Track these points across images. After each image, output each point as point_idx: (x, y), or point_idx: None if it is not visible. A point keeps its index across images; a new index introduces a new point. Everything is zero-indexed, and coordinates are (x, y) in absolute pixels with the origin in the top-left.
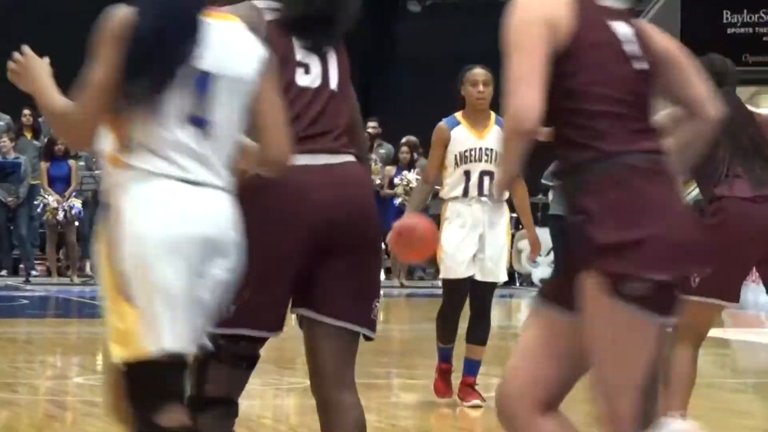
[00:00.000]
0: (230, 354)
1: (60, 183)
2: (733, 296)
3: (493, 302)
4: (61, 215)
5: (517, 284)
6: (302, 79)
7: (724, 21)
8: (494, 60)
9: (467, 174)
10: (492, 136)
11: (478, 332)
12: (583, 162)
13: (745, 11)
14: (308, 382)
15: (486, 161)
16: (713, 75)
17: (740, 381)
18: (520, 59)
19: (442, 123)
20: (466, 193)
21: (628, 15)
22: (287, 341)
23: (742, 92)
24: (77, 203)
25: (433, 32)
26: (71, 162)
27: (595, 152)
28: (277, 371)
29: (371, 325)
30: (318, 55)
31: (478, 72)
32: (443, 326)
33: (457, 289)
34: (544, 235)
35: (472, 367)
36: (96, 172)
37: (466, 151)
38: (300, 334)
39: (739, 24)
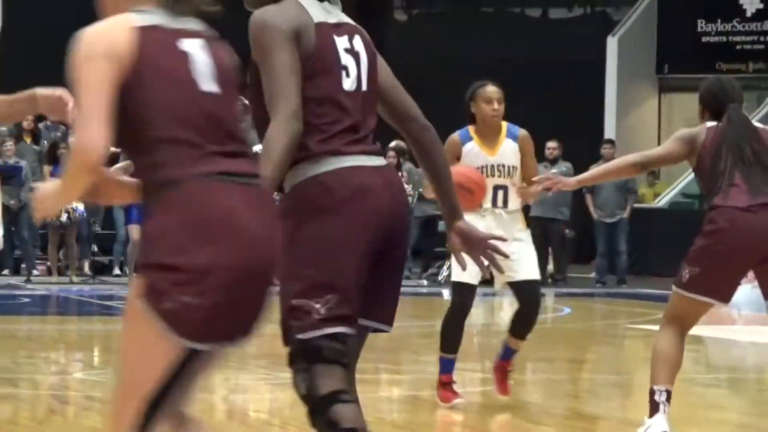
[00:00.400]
0: (335, 351)
1: None
2: (725, 297)
3: (475, 302)
4: (64, 217)
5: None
6: (345, 82)
7: (699, 30)
8: (481, 68)
9: None
10: (502, 151)
11: (523, 328)
12: (151, 187)
13: (719, 20)
14: None
15: (498, 176)
16: (721, 93)
17: (714, 376)
18: (87, 94)
19: (455, 135)
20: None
21: (207, 35)
22: (280, 338)
23: None
24: (80, 205)
25: (420, 41)
26: None
27: (161, 177)
28: (270, 366)
29: (392, 322)
30: (353, 56)
31: (492, 90)
32: (446, 334)
33: (464, 293)
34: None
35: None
36: None
37: (477, 168)
38: None
39: (713, 33)
